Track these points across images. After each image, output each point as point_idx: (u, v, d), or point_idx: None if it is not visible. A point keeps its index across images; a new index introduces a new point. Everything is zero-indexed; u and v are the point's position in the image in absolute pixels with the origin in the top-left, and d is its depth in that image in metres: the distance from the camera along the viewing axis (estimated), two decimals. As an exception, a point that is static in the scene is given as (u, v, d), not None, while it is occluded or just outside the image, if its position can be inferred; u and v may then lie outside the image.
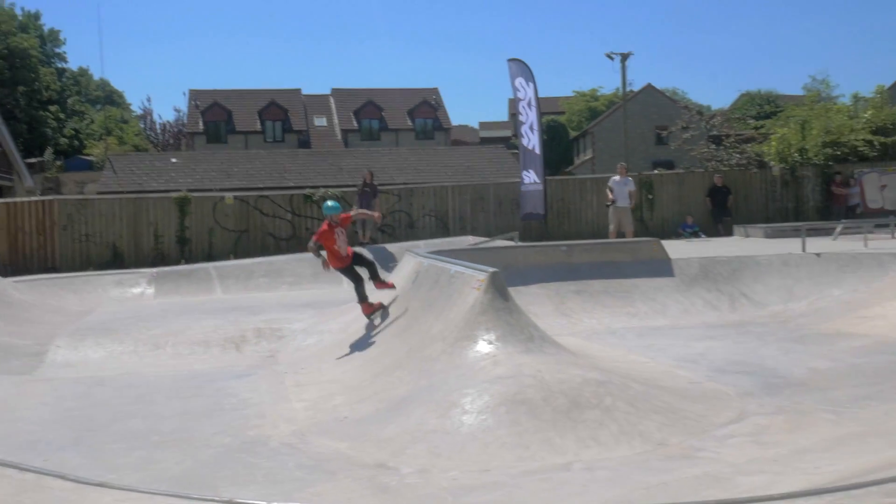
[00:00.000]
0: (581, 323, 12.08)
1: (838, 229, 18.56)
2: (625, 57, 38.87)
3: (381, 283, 11.06)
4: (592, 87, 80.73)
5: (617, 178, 19.18)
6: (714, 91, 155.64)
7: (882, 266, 13.89)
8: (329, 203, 10.76)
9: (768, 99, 62.86)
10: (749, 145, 27.32)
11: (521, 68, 20.99)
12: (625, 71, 39.68)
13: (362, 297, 10.78)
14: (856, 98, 29.93)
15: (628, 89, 46.45)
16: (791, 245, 15.70)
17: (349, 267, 10.89)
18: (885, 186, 25.32)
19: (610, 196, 18.92)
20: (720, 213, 24.35)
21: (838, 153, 25.62)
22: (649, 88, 60.48)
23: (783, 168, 25.66)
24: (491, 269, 8.62)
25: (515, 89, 21.20)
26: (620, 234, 19.21)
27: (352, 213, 12.07)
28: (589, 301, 12.85)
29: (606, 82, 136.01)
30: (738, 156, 26.57)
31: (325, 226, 10.60)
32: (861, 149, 25.41)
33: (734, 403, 7.19)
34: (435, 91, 61.27)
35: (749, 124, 33.95)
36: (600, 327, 11.88)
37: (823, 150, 25.71)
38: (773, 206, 25.41)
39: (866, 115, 26.78)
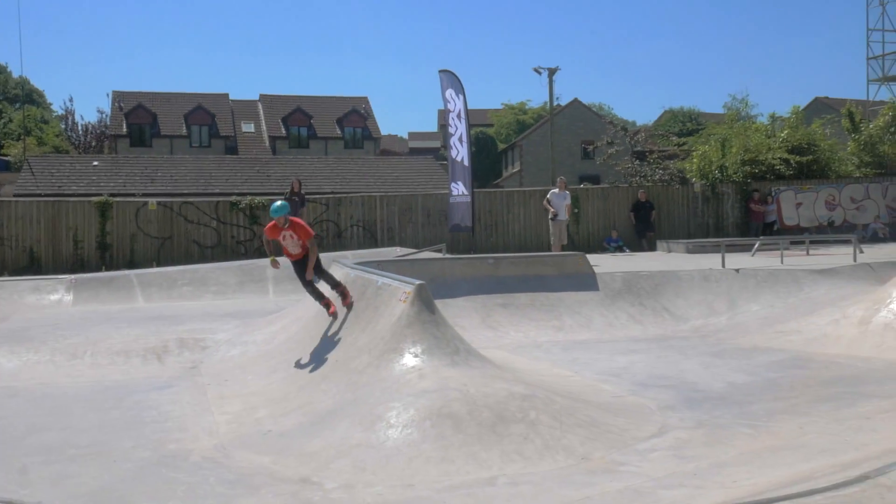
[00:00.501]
0: (507, 336, 12.16)
1: (756, 246, 19.06)
2: (552, 72, 39.38)
3: (347, 300, 10.18)
4: (521, 100, 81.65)
5: (556, 191, 19.32)
6: (639, 107, 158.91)
7: (797, 282, 14.36)
8: (276, 204, 10.12)
9: (690, 116, 64.41)
10: (672, 162, 27.96)
11: (451, 80, 21.06)
12: (552, 85, 40.18)
13: (319, 296, 10.36)
14: (773, 118, 30.83)
15: (556, 103, 47.07)
16: (712, 260, 16.08)
17: (301, 261, 10.27)
18: (800, 204, 26.14)
19: (551, 209, 19.01)
20: (644, 228, 24.80)
21: (756, 171, 26.35)
22: (576, 103, 61.32)
23: (704, 185, 26.28)
24: (417, 282, 8.62)
25: (446, 101, 21.26)
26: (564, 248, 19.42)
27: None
28: (515, 314, 12.94)
29: (535, 96, 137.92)
30: (661, 172, 27.16)
31: (271, 223, 10.06)
32: (778, 167, 26.17)
33: (656, 417, 7.32)
34: (364, 100, 61.08)
35: (672, 141, 34.69)
36: (526, 340, 11.97)
37: (742, 168, 26.42)
38: (695, 221, 25.99)
39: (783, 135, 27.58)
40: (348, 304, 10.00)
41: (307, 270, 10.15)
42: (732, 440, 6.53)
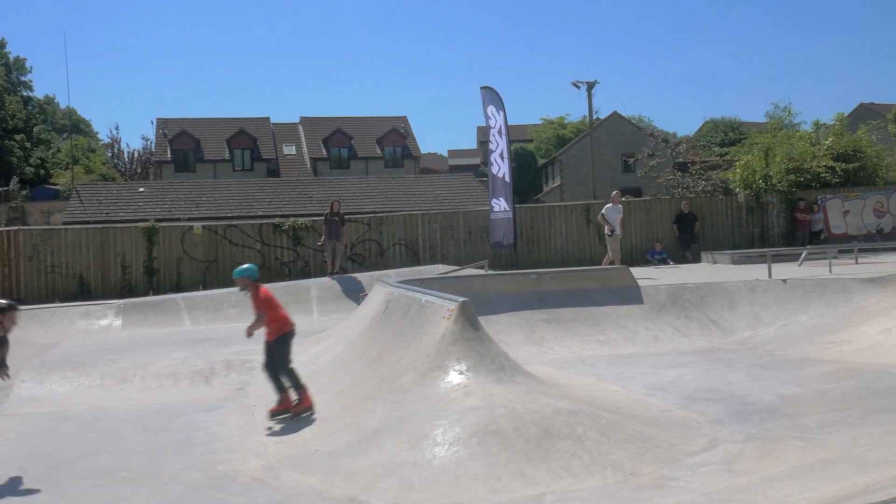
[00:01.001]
0: (552, 351, 12.09)
1: (803, 255, 18.78)
2: (591, 85, 39.29)
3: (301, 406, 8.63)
4: (560, 114, 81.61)
5: (610, 205, 19.13)
6: (679, 118, 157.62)
7: (847, 291, 14.08)
8: (241, 267, 9.01)
9: (732, 126, 63.77)
10: (714, 172, 27.70)
11: (492, 96, 21.12)
12: (591, 99, 40.08)
13: (282, 388, 8.76)
14: (817, 125, 30.40)
15: (595, 117, 46.91)
16: (758, 271, 15.87)
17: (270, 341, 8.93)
18: (847, 212, 25.73)
19: (608, 225, 18.79)
20: (687, 240, 24.57)
21: (801, 180, 26.01)
22: (615, 116, 61.14)
23: (748, 194, 25.99)
24: (461, 299, 8.62)
25: (487, 117, 21.31)
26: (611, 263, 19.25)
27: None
28: (559, 329, 12.86)
29: (574, 110, 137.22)
30: (703, 183, 26.90)
31: (262, 288, 8.83)
32: (823, 175, 25.80)
33: (705, 431, 7.21)
34: (404, 119, 61.51)
35: (714, 151, 34.37)
36: (571, 355, 11.89)
37: (787, 177, 26.09)
38: (740, 232, 25.70)
39: (827, 143, 27.20)
40: (298, 411, 8.48)
41: (248, 331, 8.91)
42: (784, 453, 6.41)
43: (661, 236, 24.92)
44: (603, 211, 18.97)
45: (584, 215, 24.91)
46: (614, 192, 20.21)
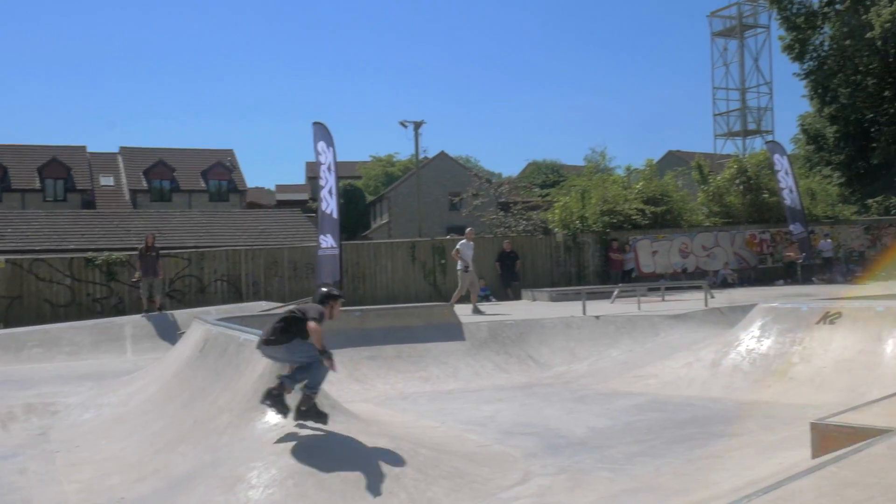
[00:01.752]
0: (374, 389, 12.07)
1: (615, 293, 19.73)
2: (418, 125, 40.00)
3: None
4: (389, 152, 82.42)
5: (465, 241, 19.25)
6: (505, 159, 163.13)
7: (654, 327, 14.95)
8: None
9: (553, 168, 66.54)
10: (535, 212, 28.73)
11: (322, 132, 21.00)
12: (417, 138, 40.84)
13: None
14: (629, 170, 32.29)
15: (423, 156, 47.73)
16: (574, 308, 16.53)
17: None
18: (656, 252, 27.37)
19: (463, 261, 18.83)
20: (509, 278, 25.25)
21: (614, 221, 27.41)
22: (443, 155, 62.37)
23: (566, 234, 27.09)
24: (281, 337, 8.44)
25: (317, 153, 21.14)
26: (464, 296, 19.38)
27: None
28: (382, 366, 12.88)
29: (403, 148, 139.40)
30: (524, 222, 27.84)
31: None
32: (634, 217, 27.33)
33: (520, 465, 7.38)
34: (230, 152, 60.16)
35: (535, 192, 35.68)
36: (393, 392, 11.92)
37: (602, 218, 27.42)
38: (558, 270, 26.70)
39: (638, 186, 28.90)
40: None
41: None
42: (593, 484, 6.65)
43: (485, 274, 25.47)
44: (458, 246, 19.08)
45: (409, 253, 25.17)
46: (468, 229, 20.50)
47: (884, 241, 31.02)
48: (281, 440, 7.02)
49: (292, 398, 7.15)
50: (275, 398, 7.09)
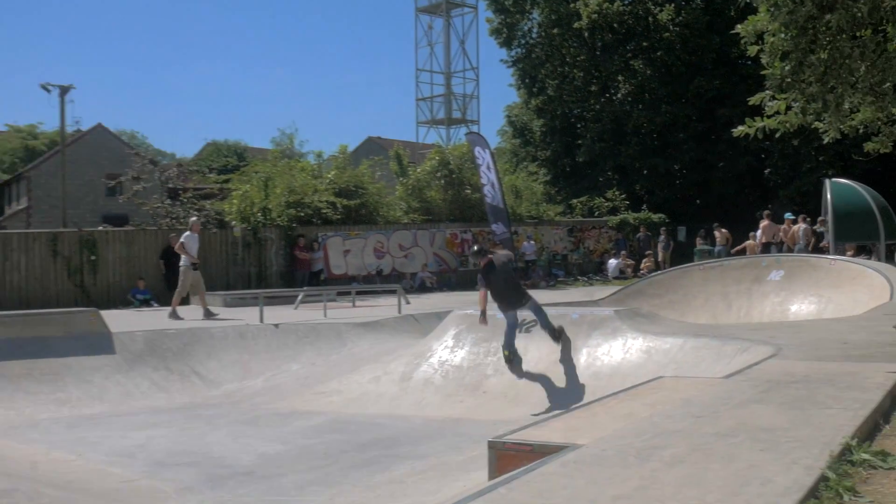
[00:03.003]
0: (-6, 415, 11.24)
1: (300, 297, 19.85)
2: (65, 90, 37.68)
3: None
4: (32, 122, 77.05)
5: (189, 233, 18.12)
6: (182, 138, 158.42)
7: (340, 337, 15.23)
8: None
9: (236, 150, 65.61)
10: (209, 202, 28.07)
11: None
12: (64, 106, 38.38)
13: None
14: (319, 157, 32.46)
15: (75, 128, 45.05)
16: (251, 314, 16.38)
17: None
18: (348, 252, 27.80)
19: (190, 256, 17.65)
20: (176, 278, 24.48)
21: (302, 214, 27.39)
22: (101, 129, 59.24)
23: (245, 229, 26.74)
24: None
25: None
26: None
27: None
28: (6, 387, 12.05)
29: (48, 118, 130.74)
30: (196, 213, 27.15)
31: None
32: (325, 211, 27.53)
33: (171, 503, 7.20)
34: None
35: (210, 178, 34.87)
36: (20, 419, 11.18)
37: (287, 211, 27.30)
38: (235, 270, 26.30)
39: (330, 176, 29.12)
40: None
41: None
42: (256, 521, 6.64)
43: (147, 273, 24.56)
44: (182, 239, 18.05)
45: (49, 246, 23.59)
46: (193, 219, 19.50)
47: (586, 244, 33.88)
48: None
49: None
50: None
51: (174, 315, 16.99)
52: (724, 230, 28.71)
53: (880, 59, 7.57)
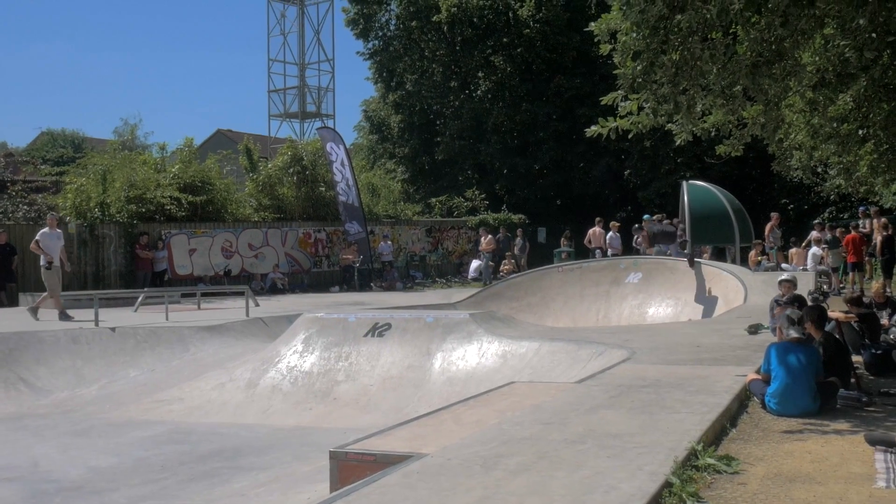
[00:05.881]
0: None
1: (140, 299, 19.37)
2: None
3: None
4: None
5: (47, 230, 17.16)
6: (14, 125, 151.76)
7: (183, 341, 14.92)
8: None
9: (73, 141, 63.45)
10: (41, 195, 27.14)
11: None
12: None
13: None
14: (163, 150, 31.68)
15: None
16: (87, 317, 15.89)
17: None
18: (194, 251, 27.23)
19: (46, 255, 16.65)
20: (3, 278, 23.60)
21: (144, 210, 26.70)
22: (-83, 114, 56.53)
23: (81, 225, 25.91)
24: None
25: None
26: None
27: None
28: None
29: None
30: (26, 207, 26.20)
31: None
32: (168, 207, 26.89)
33: (-10, 522, 6.93)
34: None
35: (42, 170, 33.70)
36: None
37: (128, 207, 26.58)
38: (70, 270, 25.46)
39: (174, 170, 28.48)
40: None
41: None
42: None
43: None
44: (38, 237, 17.10)
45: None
46: (49, 215, 18.52)
47: (445, 244, 34.18)
48: None
49: None
50: None
51: (64, 316, 16.46)
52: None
53: (731, 61, 7.88)
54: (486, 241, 29.68)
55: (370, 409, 11.41)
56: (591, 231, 27.16)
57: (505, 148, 41.46)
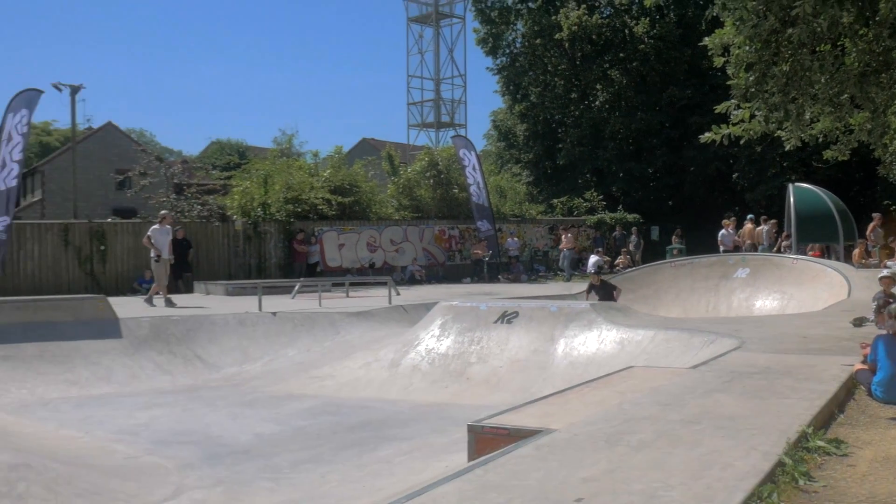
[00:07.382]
0: (8, 394, 11.20)
1: (297, 288, 19.81)
2: (75, 89, 37.33)
3: None
4: (46, 119, 76.69)
5: (157, 226, 17.70)
6: (187, 136, 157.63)
7: (334, 325, 15.19)
8: None
9: (238, 149, 65.37)
10: (212, 197, 28.03)
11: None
12: (75, 104, 38.03)
13: None
14: (315, 156, 32.39)
15: (87, 125, 44.83)
16: (251, 303, 16.35)
17: None
18: (343, 245, 27.79)
19: (154, 249, 17.25)
20: (180, 268, 24.40)
21: (299, 210, 27.42)
22: (110, 127, 58.95)
23: (246, 222, 26.70)
24: None
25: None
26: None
27: None
28: (19, 368, 11.98)
29: (62, 115, 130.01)
30: (199, 207, 27.11)
31: None
32: (320, 207, 27.53)
33: (172, 478, 7.19)
34: None
35: (213, 175, 34.79)
36: (32, 398, 11.14)
37: (286, 206, 27.31)
38: (236, 261, 26.25)
39: (325, 174, 29.13)
40: None
41: None
42: (251, 496, 6.64)
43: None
44: (149, 233, 17.67)
45: (61, 236, 23.50)
46: (163, 212, 19.21)
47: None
48: None
49: None
50: None
51: (169, 303, 16.91)
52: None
53: (838, 72, 7.59)
54: (565, 239, 29.47)
55: (500, 389, 11.38)
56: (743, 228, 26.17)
57: (621, 153, 40.89)
